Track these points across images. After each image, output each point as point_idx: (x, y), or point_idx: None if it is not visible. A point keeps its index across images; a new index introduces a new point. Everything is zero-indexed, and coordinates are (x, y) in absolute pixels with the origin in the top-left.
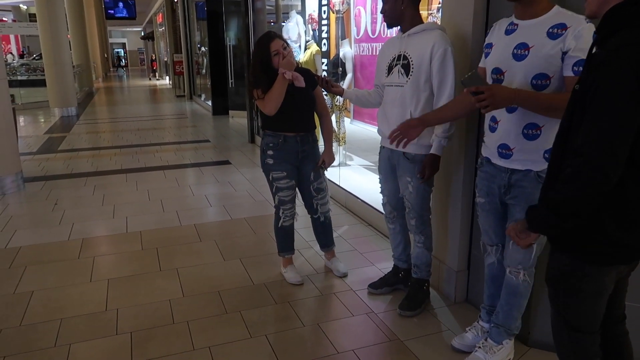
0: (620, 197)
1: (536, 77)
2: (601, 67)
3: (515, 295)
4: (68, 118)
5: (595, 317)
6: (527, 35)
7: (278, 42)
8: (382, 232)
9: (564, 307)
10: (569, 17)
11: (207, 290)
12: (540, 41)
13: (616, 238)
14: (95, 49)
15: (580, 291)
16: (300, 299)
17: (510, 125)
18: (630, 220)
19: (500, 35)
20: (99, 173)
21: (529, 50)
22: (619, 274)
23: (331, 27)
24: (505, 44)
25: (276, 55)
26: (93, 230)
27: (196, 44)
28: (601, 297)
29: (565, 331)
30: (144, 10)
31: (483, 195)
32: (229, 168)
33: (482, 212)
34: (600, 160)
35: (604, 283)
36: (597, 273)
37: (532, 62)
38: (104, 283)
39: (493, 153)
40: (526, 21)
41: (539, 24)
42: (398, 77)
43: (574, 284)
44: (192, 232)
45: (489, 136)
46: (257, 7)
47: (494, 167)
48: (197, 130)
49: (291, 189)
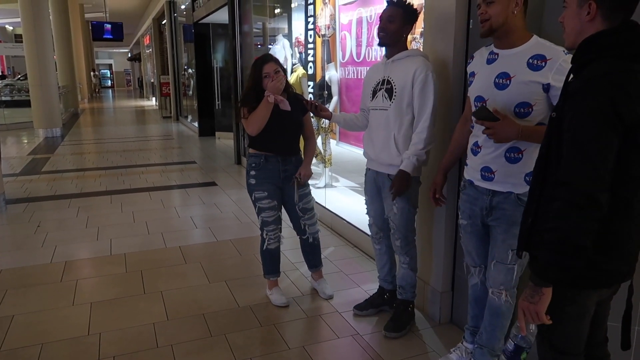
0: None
1: (518, 105)
2: (577, 95)
3: (498, 316)
4: (52, 139)
5: (579, 339)
6: (507, 65)
7: (272, 65)
8: (368, 253)
9: (548, 329)
10: (548, 49)
11: (191, 313)
12: (521, 71)
13: (596, 263)
14: (82, 70)
15: (564, 314)
16: (286, 321)
17: (492, 148)
18: (609, 245)
19: (482, 63)
20: (84, 195)
21: (510, 80)
22: (600, 297)
23: (317, 51)
24: (487, 73)
25: (266, 77)
26: (76, 252)
27: (183, 66)
28: (584, 319)
29: (550, 353)
30: (132, 32)
31: (465, 217)
32: (215, 189)
33: (465, 234)
34: (587, 186)
35: (586, 306)
36: (578, 296)
37: (513, 91)
38: (86, 306)
39: (475, 176)
40: (506, 50)
41: (519, 54)
42: (382, 100)
43: (556, 306)
44: (177, 254)
45: (472, 159)
46: (245, 31)
47: (476, 189)
48: (183, 152)
49: (273, 210)
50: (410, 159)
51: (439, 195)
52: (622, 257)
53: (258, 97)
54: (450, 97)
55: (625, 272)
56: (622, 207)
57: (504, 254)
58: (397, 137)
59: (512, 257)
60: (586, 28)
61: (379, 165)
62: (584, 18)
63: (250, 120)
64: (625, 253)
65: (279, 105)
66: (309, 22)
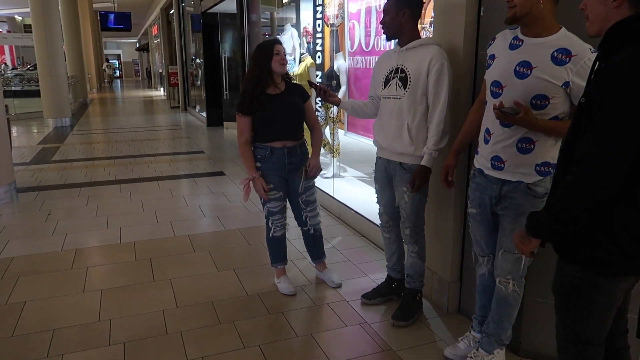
0: (631, 208)
1: (536, 97)
2: (609, 79)
3: (505, 306)
4: (62, 129)
5: (604, 329)
6: (531, 54)
7: (282, 47)
8: (376, 243)
9: (574, 319)
10: (575, 44)
11: (200, 301)
12: (544, 64)
13: (628, 249)
14: (90, 60)
15: (592, 303)
16: (293, 309)
17: (504, 138)
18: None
19: (504, 48)
20: (93, 184)
21: (532, 70)
22: (627, 285)
23: (325, 40)
24: (508, 59)
25: (277, 54)
26: (86, 240)
27: (191, 56)
28: (611, 309)
29: (573, 344)
30: (140, 22)
31: (475, 206)
32: (223, 179)
33: (474, 222)
34: (602, 169)
35: (615, 295)
36: (608, 285)
37: (533, 82)
38: (97, 293)
39: (486, 165)
40: (531, 39)
41: (544, 45)
42: (396, 89)
43: (585, 296)
44: (185, 243)
45: (483, 147)
46: (252, 20)
47: (486, 178)
48: (192, 142)
49: (279, 200)
50: (432, 154)
51: (451, 178)
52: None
53: (254, 101)
54: (460, 86)
55: None
56: None
57: (511, 243)
58: (410, 126)
59: None
60: (612, 15)
61: (390, 154)
62: (611, 4)
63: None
64: None
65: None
66: (318, 11)
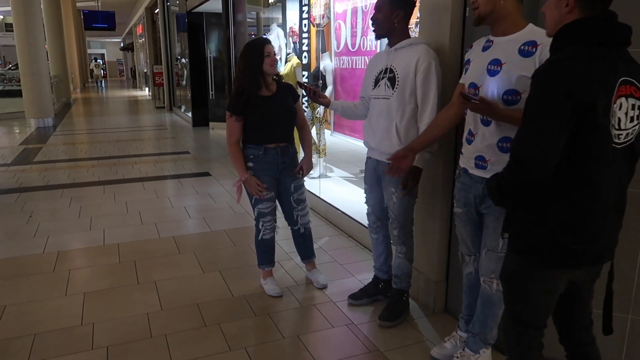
0: (564, 206)
1: (507, 92)
2: (538, 77)
3: (490, 305)
4: (44, 129)
5: (541, 314)
6: (500, 52)
7: (271, 47)
8: (363, 243)
9: (513, 302)
10: (540, 35)
11: (185, 303)
12: (512, 58)
13: (561, 243)
14: (74, 60)
15: (528, 289)
16: (280, 311)
17: (486, 138)
18: (574, 224)
19: (478, 52)
20: (76, 185)
21: (501, 66)
22: (572, 277)
23: (312, 40)
24: (481, 60)
25: (268, 56)
26: (69, 243)
27: (176, 56)
28: (548, 296)
29: (512, 325)
30: (124, 22)
31: (460, 205)
32: (208, 180)
33: (460, 222)
34: (528, 161)
35: (551, 284)
36: (543, 274)
37: (503, 78)
38: (79, 297)
39: (470, 164)
40: (500, 38)
41: (512, 41)
42: (384, 89)
43: (522, 283)
44: (171, 245)
45: (466, 148)
46: (238, 20)
47: (470, 177)
48: (177, 142)
49: (271, 201)
50: (424, 155)
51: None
52: (589, 237)
53: (246, 102)
54: (447, 86)
55: (596, 254)
56: (583, 186)
57: (494, 242)
58: (399, 127)
59: (503, 245)
60: (565, 18)
61: (380, 154)
62: (563, 9)
63: (232, 151)
64: (592, 234)
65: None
66: (304, 11)
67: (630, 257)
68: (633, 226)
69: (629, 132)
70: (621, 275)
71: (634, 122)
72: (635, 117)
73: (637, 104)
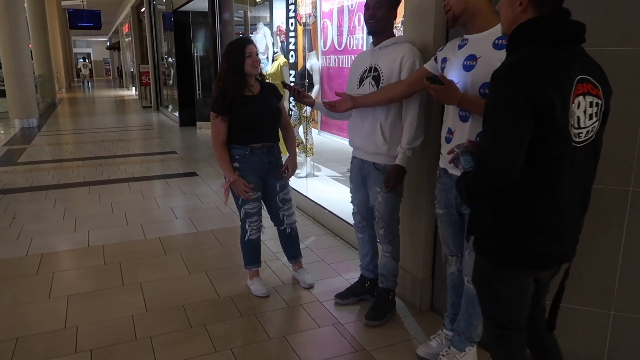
0: (526, 208)
1: (483, 86)
2: (495, 81)
3: (474, 304)
4: (29, 129)
5: (517, 315)
6: (475, 47)
7: (253, 47)
8: (349, 242)
9: (488, 305)
10: None
11: (171, 305)
12: (487, 52)
13: (525, 245)
14: (59, 59)
15: (500, 291)
16: (266, 311)
17: (464, 134)
18: (538, 227)
19: (454, 50)
20: (61, 186)
21: (477, 60)
22: (539, 277)
23: (298, 39)
24: (457, 58)
25: (249, 57)
26: (53, 245)
27: (163, 55)
28: (520, 296)
29: (492, 328)
30: (110, 20)
31: (441, 206)
32: (195, 180)
33: (441, 223)
34: (495, 169)
35: (521, 284)
36: (513, 275)
37: (479, 72)
38: (63, 299)
39: (448, 164)
40: (475, 35)
41: (486, 37)
42: (369, 88)
43: (493, 286)
44: (156, 246)
45: (445, 147)
46: (225, 19)
47: (450, 177)
48: (164, 142)
49: (257, 201)
50: (406, 153)
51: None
52: (554, 239)
53: (231, 103)
54: None
55: (562, 254)
56: (546, 188)
57: None
58: (383, 126)
59: None
60: (519, 17)
61: (365, 154)
62: (517, 8)
63: (218, 151)
64: (557, 235)
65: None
66: (290, 10)
67: (613, 254)
68: (614, 223)
69: (588, 130)
70: (603, 271)
71: (593, 120)
72: (594, 114)
73: (594, 101)
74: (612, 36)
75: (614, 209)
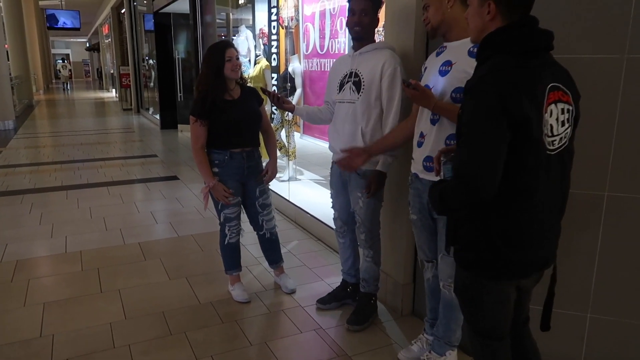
0: (504, 218)
1: (455, 90)
2: (470, 92)
3: (451, 309)
4: (4, 132)
5: (499, 324)
6: (452, 54)
7: (233, 51)
8: (332, 246)
9: (470, 315)
10: None
11: (150, 312)
12: (462, 58)
13: (506, 255)
14: (36, 60)
15: (482, 301)
16: (247, 317)
17: (434, 137)
18: (514, 236)
19: (432, 57)
20: (37, 190)
21: (452, 66)
22: (521, 285)
23: (281, 42)
24: (434, 63)
25: (229, 61)
26: (29, 251)
27: (144, 57)
28: (502, 305)
29: (474, 337)
30: (90, 21)
31: (415, 212)
32: (176, 184)
33: (416, 228)
34: (474, 182)
35: (503, 293)
36: (494, 285)
37: (453, 76)
38: (39, 307)
39: (419, 168)
40: (452, 42)
41: (463, 44)
42: (349, 93)
43: (475, 295)
44: (136, 251)
45: (416, 151)
46: (207, 21)
47: (421, 182)
48: (144, 145)
49: (236, 206)
50: (387, 159)
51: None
52: (531, 247)
53: (211, 107)
54: None
55: (542, 261)
56: (523, 198)
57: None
58: (364, 131)
59: None
60: (488, 26)
61: None
62: (485, 17)
63: (197, 156)
64: (536, 243)
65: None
66: (272, 13)
67: (589, 257)
68: (591, 226)
69: (562, 137)
70: (580, 275)
71: (565, 126)
72: (566, 121)
73: (566, 107)
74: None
75: (590, 213)
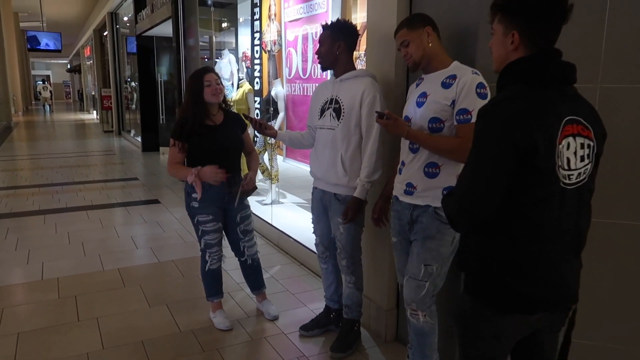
0: (511, 245)
1: (431, 120)
2: (481, 117)
3: (422, 336)
4: None
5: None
6: (427, 86)
7: (213, 75)
8: (315, 271)
9: (464, 345)
10: (460, 69)
11: (129, 341)
12: (436, 89)
13: (509, 285)
14: (16, 81)
15: (479, 332)
16: (229, 345)
17: (413, 164)
18: (521, 268)
19: (412, 88)
20: (14, 214)
21: (427, 97)
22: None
23: (264, 66)
24: (414, 94)
25: (208, 86)
26: (3, 278)
27: (126, 79)
28: (499, 341)
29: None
30: (71, 43)
31: (395, 234)
32: (158, 207)
33: (396, 251)
34: (467, 204)
35: (503, 329)
36: (495, 317)
37: (428, 107)
38: (13, 337)
39: (400, 191)
40: (429, 74)
41: (438, 75)
42: (330, 120)
43: (473, 325)
44: (115, 277)
45: (398, 177)
46: (190, 44)
47: (401, 204)
48: (125, 168)
49: (217, 232)
50: (365, 185)
51: (383, 221)
52: (540, 281)
53: (191, 131)
54: None
55: (551, 300)
56: (531, 229)
57: (416, 269)
58: (344, 157)
59: (424, 273)
60: (511, 55)
61: (326, 185)
62: (509, 47)
63: (172, 169)
64: (544, 278)
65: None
66: (255, 37)
67: None
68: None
69: (580, 172)
70: None
71: (585, 161)
72: (586, 156)
73: (586, 142)
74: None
75: None
